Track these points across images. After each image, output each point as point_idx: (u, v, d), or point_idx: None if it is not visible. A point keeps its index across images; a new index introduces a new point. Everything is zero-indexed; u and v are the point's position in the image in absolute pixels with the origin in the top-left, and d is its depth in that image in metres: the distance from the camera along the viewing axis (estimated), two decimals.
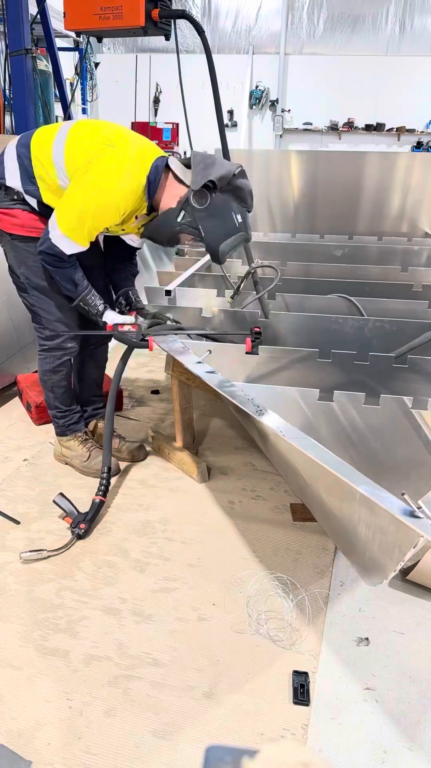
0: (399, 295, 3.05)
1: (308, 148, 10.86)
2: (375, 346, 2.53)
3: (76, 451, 2.58)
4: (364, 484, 1.31)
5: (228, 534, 2.19)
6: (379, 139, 10.90)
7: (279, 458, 2.07)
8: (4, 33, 4.83)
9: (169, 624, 1.78)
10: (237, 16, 10.92)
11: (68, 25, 3.05)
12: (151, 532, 2.19)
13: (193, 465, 2.52)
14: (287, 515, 2.30)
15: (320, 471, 1.48)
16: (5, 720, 1.47)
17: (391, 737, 1.46)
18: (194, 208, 2.09)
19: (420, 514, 1.19)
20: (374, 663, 1.67)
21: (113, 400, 2.43)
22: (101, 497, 2.25)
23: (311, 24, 10.70)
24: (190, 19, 2.86)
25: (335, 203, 4.59)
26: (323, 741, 1.44)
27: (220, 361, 2.33)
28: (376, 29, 10.49)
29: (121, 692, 1.56)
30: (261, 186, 4.65)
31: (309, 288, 3.15)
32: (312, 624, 1.78)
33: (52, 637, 1.72)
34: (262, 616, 1.80)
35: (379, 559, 1.42)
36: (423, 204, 4.50)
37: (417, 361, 2.31)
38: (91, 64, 8.66)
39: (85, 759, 1.39)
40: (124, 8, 2.90)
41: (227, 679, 1.60)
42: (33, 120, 5.01)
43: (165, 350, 2.29)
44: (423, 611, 1.85)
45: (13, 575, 1.96)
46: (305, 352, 2.39)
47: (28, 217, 2.25)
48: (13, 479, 2.53)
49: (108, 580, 1.95)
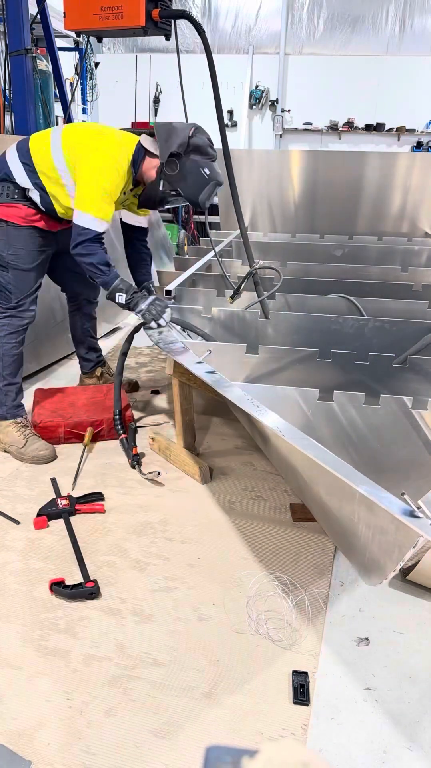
0: (399, 295, 3.05)
1: (308, 148, 10.85)
2: (375, 346, 2.53)
3: (12, 437, 2.67)
4: (364, 484, 1.31)
5: (229, 534, 2.19)
6: (379, 139, 10.88)
7: (279, 458, 2.07)
8: (4, 33, 4.83)
9: (168, 624, 1.78)
10: (237, 16, 10.90)
11: (68, 25, 3.05)
12: (151, 532, 2.19)
13: (194, 466, 2.52)
14: (287, 515, 2.30)
15: (320, 471, 1.48)
16: (5, 720, 1.47)
17: (391, 737, 1.46)
18: (168, 175, 2.50)
19: (419, 514, 1.19)
20: (374, 663, 1.67)
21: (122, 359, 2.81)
22: (124, 435, 2.71)
23: (311, 24, 10.67)
24: (190, 19, 2.86)
25: (335, 203, 4.58)
26: (323, 741, 1.44)
27: (220, 361, 2.33)
28: (376, 29, 10.46)
29: (121, 692, 1.55)
30: (261, 186, 4.65)
31: (309, 288, 3.15)
32: (312, 624, 1.78)
33: (52, 637, 1.72)
34: (262, 616, 1.80)
35: (379, 559, 1.42)
36: (423, 204, 4.50)
37: (417, 361, 2.31)
38: (91, 64, 8.65)
39: (85, 759, 1.39)
40: (124, 8, 2.90)
41: (227, 679, 1.60)
42: (33, 120, 5.00)
43: (164, 350, 2.29)
44: (423, 611, 1.85)
45: (13, 575, 1.96)
46: (305, 352, 2.39)
47: (28, 211, 2.59)
48: (13, 479, 2.53)
49: (108, 580, 1.95)
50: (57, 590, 1.86)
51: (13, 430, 2.67)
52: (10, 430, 2.68)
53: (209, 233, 2.96)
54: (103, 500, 2.34)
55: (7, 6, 4.62)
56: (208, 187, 2.50)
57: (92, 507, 2.29)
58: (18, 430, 2.67)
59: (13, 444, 2.66)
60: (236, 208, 2.92)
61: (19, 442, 2.64)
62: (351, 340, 2.56)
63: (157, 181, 2.53)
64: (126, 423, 2.81)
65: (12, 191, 2.56)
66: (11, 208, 2.56)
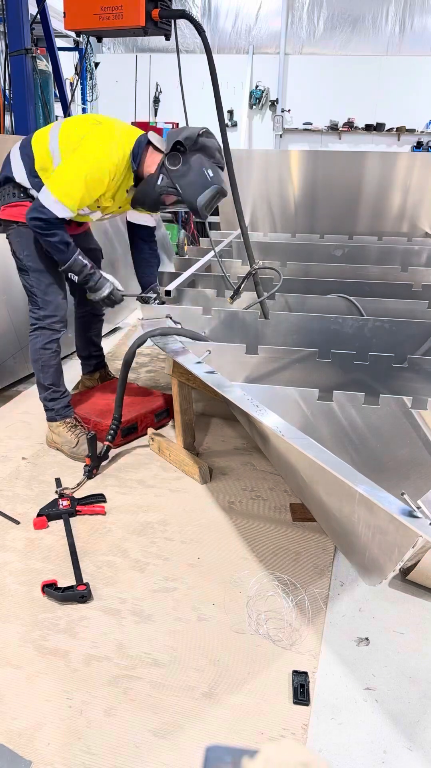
0: (399, 295, 3.05)
1: (308, 148, 10.85)
2: (374, 346, 2.53)
3: (64, 438, 2.69)
4: (363, 484, 1.31)
5: (228, 534, 2.19)
6: (379, 139, 10.88)
7: (278, 458, 2.07)
8: (4, 33, 4.83)
9: (168, 624, 1.78)
10: (237, 16, 10.89)
11: (68, 25, 3.05)
12: (151, 532, 2.19)
13: (194, 466, 2.52)
14: (287, 515, 2.30)
15: (319, 471, 1.48)
16: (5, 720, 1.47)
17: (391, 737, 1.46)
18: (170, 170, 2.37)
19: (419, 514, 1.19)
20: (374, 663, 1.67)
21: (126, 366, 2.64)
22: (108, 442, 2.58)
23: (311, 24, 10.67)
24: (190, 19, 2.85)
25: (335, 203, 4.59)
26: (323, 741, 1.44)
27: (220, 361, 2.34)
28: (376, 29, 10.46)
29: (120, 692, 1.56)
30: (261, 186, 4.66)
31: (309, 288, 3.15)
32: (312, 624, 1.78)
33: (52, 637, 1.72)
34: (262, 616, 1.80)
35: (379, 559, 1.43)
36: (423, 204, 4.50)
37: (417, 361, 2.31)
38: (91, 64, 8.66)
39: (85, 759, 1.39)
40: (124, 8, 2.89)
41: (227, 679, 1.60)
42: (33, 120, 5.01)
43: (163, 350, 2.29)
44: (423, 611, 1.85)
45: (13, 575, 1.96)
46: (305, 352, 2.39)
47: None
48: (13, 479, 2.53)
49: (107, 580, 1.95)
50: (48, 592, 1.85)
51: (63, 430, 2.70)
52: (61, 431, 2.70)
53: (209, 233, 2.96)
54: (105, 502, 2.34)
55: (7, 6, 4.62)
56: (209, 190, 2.37)
57: (93, 509, 2.29)
58: (69, 430, 2.70)
59: (66, 444, 2.69)
60: (236, 208, 2.92)
61: (71, 441, 2.68)
62: (351, 340, 2.56)
63: (156, 176, 2.40)
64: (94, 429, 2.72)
65: (18, 191, 2.52)
66: (18, 207, 2.51)
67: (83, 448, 2.62)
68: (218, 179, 2.39)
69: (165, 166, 2.37)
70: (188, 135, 2.34)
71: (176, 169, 2.36)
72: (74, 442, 2.67)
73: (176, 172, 2.36)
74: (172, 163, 2.36)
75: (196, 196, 2.37)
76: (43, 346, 2.61)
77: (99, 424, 2.77)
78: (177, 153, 2.35)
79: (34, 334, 2.63)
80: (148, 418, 2.91)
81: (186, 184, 2.37)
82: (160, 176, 2.39)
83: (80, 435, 2.69)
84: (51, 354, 2.64)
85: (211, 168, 2.37)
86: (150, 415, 2.92)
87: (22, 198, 2.52)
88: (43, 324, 2.59)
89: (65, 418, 2.72)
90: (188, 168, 2.36)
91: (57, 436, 2.72)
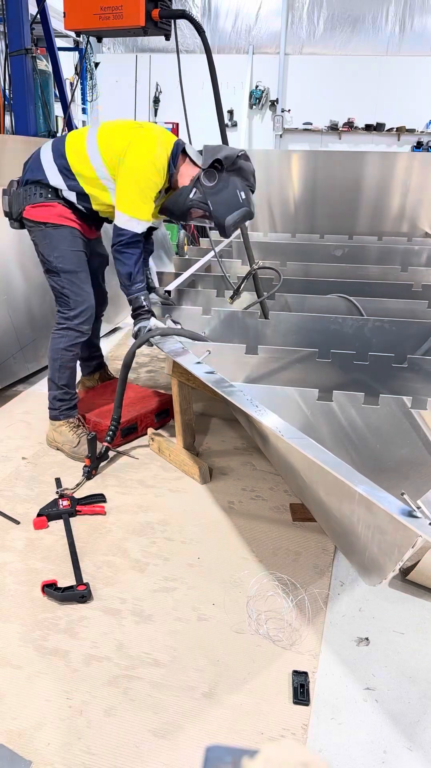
0: (398, 295, 3.05)
1: (308, 148, 10.86)
2: (374, 346, 2.53)
3: (66, 437, 2.70)
4: (363, 484, 1.31)
5: (228, 534, 2.19)
6: (379, 139, 10.89)
7: (278, 458, 2.07)
8: (4, 33, 4.83)
9: (168, 624, 1.78)
10: (237, 16, 10.91)
11: (68, 25, 3.05)
12: (151, 532, 2.19)
13: (194, 466, 2.52)
14: (287, 515, 2.30)
15: (319, 471, 1.48)
16: (5, 720, 1.47)
17: (391, 737, 1.46)
18: (204, 185, 2.40)
19: (418, 514, 1.19)
20: (374, 663, 1.67)
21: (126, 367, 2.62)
22: (107, 443, 2.58)
23: (311, 24, 10.68)
24: (190, 19, 2.86)
25: (335, 203, 4.59)
26: (323, 741, 1.45)
27: (220, 362, 2.34)
28: (376, 29, 10.47)
29: (121, 692, 1.56)
30: (261, 186, 4.63)
31: (309, 288, 3.16)
32: (312, 624, 1.78)
33: (52, 637, 1.72)
34: (262, 616, 1.80)
35: (378, 559, 1.43)
36: (423, 204, 4.51)
37: (417, 361, 2.31)
38: (91, 64, 8.66)
39: (85, 759, 1.39)
40: (124, 8, 2.90)
41: (227, 679, 1.60)
42: (33, 120, 5.01)
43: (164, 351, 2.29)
44: (423, 611, 1.85)
45: (13, 575, 1.96)
46: (305, 352, 2.40)
47: (64, 209, 2.52)
48: (13, 479, 2.53)
49: (107, 580, 1.95)
50: (48, 592, 1.85)
51: (66, 429, 2.70)
52: (63, 430, 2.71)
53: (209, 233, 2.96)
54: (105, 502, 2.34)
55: (7, 6, 4.62)
56: (240, 211, 2.41)
57: (93, 509, 2.29)
58: (71, 430, 2.70)
59: (67, 443, 2.69)
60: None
61: (72, 441, 2.68)
62: (351, 340, 2.56)
63: (189, 189, 2.42)
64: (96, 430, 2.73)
65: (45, 191, 2.49)
66: (45, 207, 2.50)
67: (84, 448, 2.62)
68: (249, 202, 2.44)
69: (200, 181, 2.40)
70: (228, 155, 2.37)
71: (211, 186, 2.39)
72: (75, 442, 2.68)
73: (211, 188, 2.39)
74: (209, 179, 2.39)
75: (226, 215, 2.40)
76: (67, 347, 2.63)
77: (99, 425, 2.77)
78: (214, 170, 2.38)
79: (59, 334, 2.62)
80: (148, 418, 2.91)
81: (218, 201, 2.40)
82: (193, 190, 2.42)
83: (82, 435, 2.69)
84: (72, 356, 2.67)
85: (244, 191, 2.41)
86: (150, 415, 2.92)
87: (50, 198, 2.49)
88: (71, 325, 2.60)
89: (68, 417, 2.73)
90: (223, 187, 2.39)
91: (59, 435, 2.72)
